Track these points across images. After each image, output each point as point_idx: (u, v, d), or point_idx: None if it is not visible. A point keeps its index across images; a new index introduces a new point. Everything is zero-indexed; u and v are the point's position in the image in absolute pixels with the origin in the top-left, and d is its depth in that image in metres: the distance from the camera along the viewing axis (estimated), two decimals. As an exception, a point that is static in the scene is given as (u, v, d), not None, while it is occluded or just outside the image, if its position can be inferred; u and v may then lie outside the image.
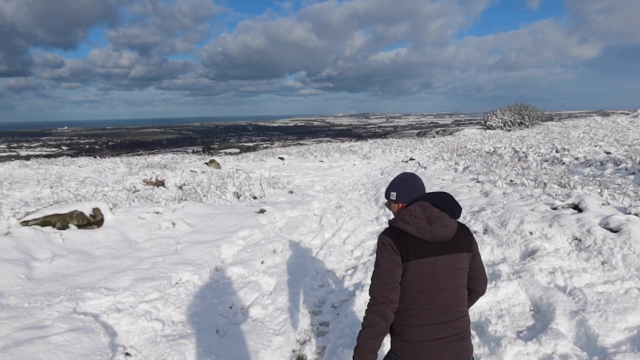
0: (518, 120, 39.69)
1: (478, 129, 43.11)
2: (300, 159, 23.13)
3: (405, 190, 2.45)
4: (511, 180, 9.71)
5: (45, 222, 6.50)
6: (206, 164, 19.40)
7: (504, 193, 8.58)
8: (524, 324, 4.32)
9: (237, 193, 10.86)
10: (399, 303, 2.27)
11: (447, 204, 2.32)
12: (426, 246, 2.24)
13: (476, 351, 3.93)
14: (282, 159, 22.45)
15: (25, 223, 6.38)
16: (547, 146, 16.82)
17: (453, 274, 2.29)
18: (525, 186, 8.88)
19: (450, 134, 47.32)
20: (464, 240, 2.37)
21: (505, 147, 18.40)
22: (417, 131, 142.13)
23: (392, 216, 6.12)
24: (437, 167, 14.76)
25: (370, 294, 2.28)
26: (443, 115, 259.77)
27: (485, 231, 6.71)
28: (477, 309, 4.65)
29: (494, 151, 17.81)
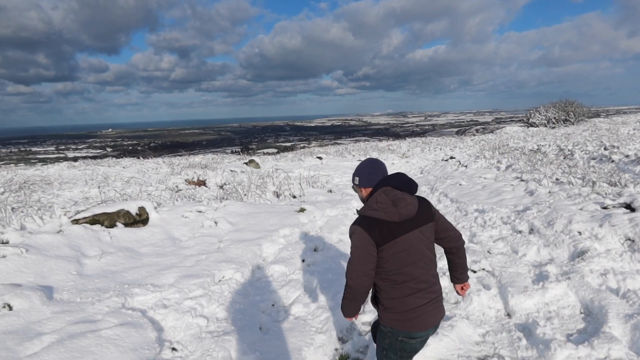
0: (563, 117, 38.40)
1: (520, 126, 42.00)
2: (338, 158, 23.11)
3: (366, 175, 2.71)
4: (557, 179, 9.41)
5: (94, 220, 6.73)
6: (245, 163, 19.66)
7: (549, 192, 8.33)
8: (574, 326, 4.17)
9: (277, 192, 10.96)
10: (382, 282, 2.62)
11: (405, 184, 2.61)
12: (396, 227, 2.52)
13: (523, 354, 3.82)
14: (320, 158, 22.49)
15: (76, 221, 6.62)
16: (594, 143, 16.21)
17: (424, 245, 2.61)
18: (573, 185, 8.59)
19: (491, 131, 46.26)
20: (426, 212, 2.65)
21: (549, 145, 17.84)
22: (456, 129, 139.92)
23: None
24: (478, 165, 14.47)
25: (346, 277, 2.65)
26: (483, 112, 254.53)
27: (531, 231, 6.52)
28: (524, 311, 4.52)
29: (537, 149, 17.29)
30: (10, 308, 4.16)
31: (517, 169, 12.00)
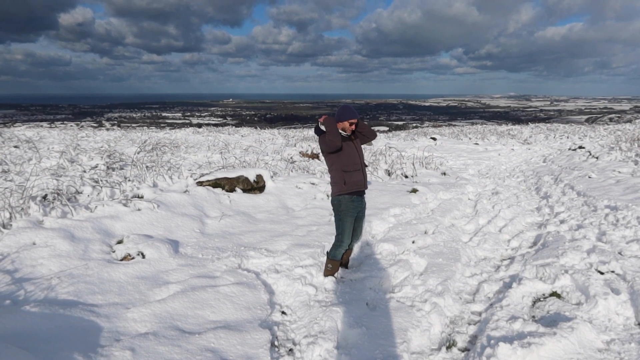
0: None
1: (665, 117, 37.24)
2: (453, 140, 22.30)
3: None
4: None
5: (216, 184, 7.17)
6: (357, 140, 19.68)
7: (701, 193, 7.31)
8: None
9: (389, 171, 10.85)
10: None
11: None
12: None
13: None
14: (434, 139, 21.86)
15: (200, 183, 7.09)
16: None
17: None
18: None
19: (629, 121, 41.67)
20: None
21: (702, 140, 15.62)
22: (586, 117, 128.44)
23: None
24: (612, 157, 13.11)
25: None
26: (620, 99, 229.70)
27: (675, 235, 5.77)
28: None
29: (687, 144, 15.21)
30: (143, 256, 4.59)
31: (660, 164, 10.69)
